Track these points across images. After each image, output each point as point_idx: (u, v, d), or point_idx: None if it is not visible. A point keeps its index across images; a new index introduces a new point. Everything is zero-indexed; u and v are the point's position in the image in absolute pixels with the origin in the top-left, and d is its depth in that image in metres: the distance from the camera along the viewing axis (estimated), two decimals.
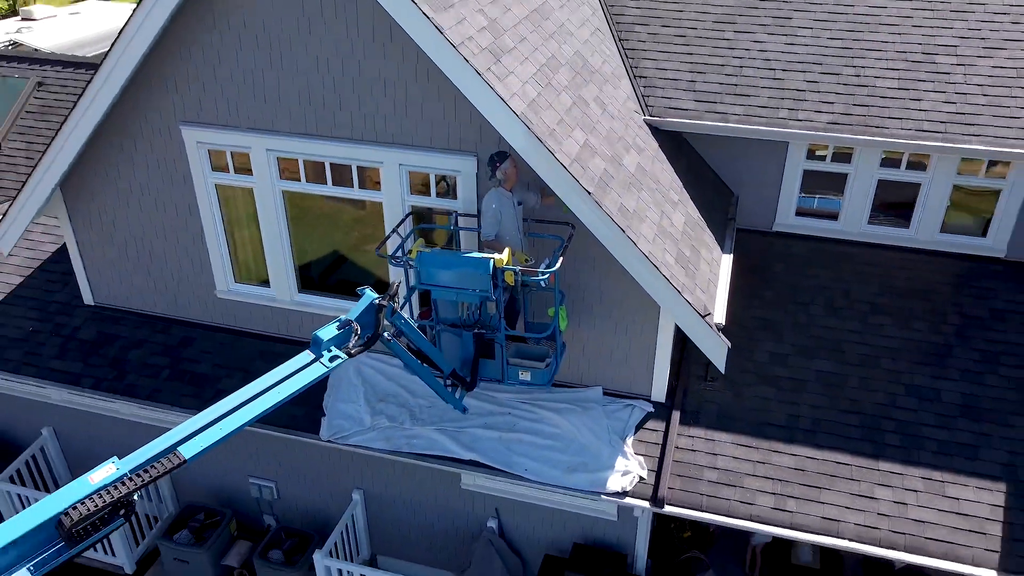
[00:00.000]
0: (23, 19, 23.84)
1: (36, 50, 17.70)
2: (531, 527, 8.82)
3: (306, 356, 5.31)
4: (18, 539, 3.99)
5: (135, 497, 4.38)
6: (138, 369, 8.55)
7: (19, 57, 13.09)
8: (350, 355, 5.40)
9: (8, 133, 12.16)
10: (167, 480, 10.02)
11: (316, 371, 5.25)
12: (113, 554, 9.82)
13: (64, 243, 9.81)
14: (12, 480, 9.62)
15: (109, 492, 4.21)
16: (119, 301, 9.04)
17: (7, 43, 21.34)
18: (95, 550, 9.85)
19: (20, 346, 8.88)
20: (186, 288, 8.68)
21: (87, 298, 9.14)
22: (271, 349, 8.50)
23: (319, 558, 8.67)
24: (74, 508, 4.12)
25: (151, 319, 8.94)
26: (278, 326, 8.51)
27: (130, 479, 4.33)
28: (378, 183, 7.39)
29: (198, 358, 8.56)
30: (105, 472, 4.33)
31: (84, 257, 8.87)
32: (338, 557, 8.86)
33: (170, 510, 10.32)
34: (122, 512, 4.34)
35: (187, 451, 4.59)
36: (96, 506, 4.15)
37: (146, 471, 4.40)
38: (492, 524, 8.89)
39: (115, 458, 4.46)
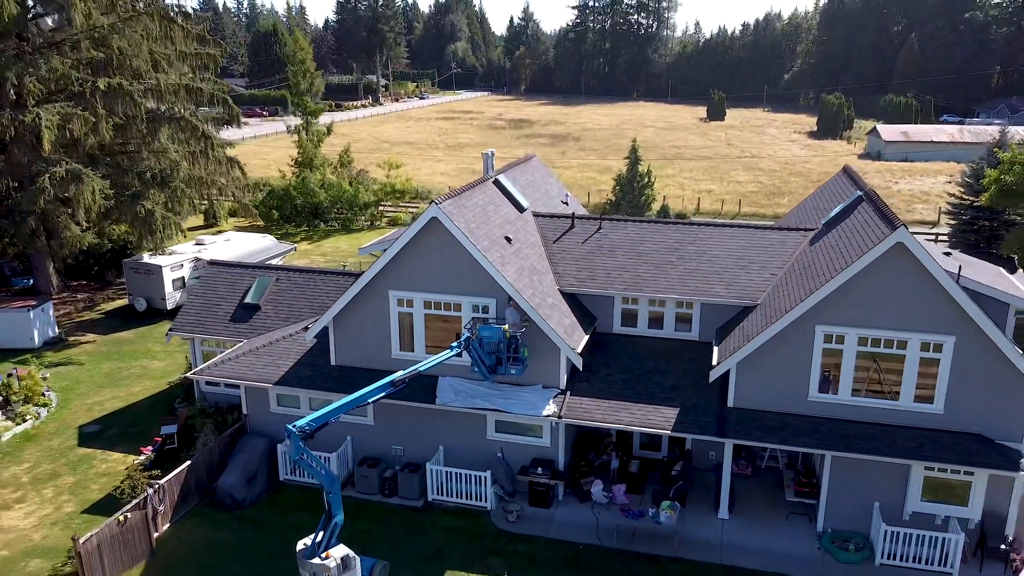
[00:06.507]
0: (197, 243, 37.98)
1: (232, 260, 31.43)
2: (516, 454, 21.51)
3: (449, 350, 18.64)
4: (379, 387, 17.11)
5: (404, 383, 17.47)
6: (357, 386, 21.41)
7: (266, 266, 27.04)
8: (460, 354, 18.76)
9: (263, 300, 25.77)
10: (351, 446, 22.53)
11: (452, 352, 18.61)
12: None
13: (315, 342, 23.01)
14: None
15: (400, 379, 17.35)
16: (349, 362, 22.13)
17: (192, 259, 35.31)
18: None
19: (306, 380, 21.84)
20: (377, 354, 21.80)
21: (334, 361, 22.24)
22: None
23: (429, 466, 21.20)
24: (394, 382, 17.29)
25: (360, 369, 21.97)
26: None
27: (404, 376, 17.46)
28: (460, 309, 20.87)
29: None
30: (399, 374, 17.52)
31: (336, 342, 22.07)
32: None
33: (350, 466, 22.67)
34: (401, 386, 17.47)
35: (421, 368, 17.82)
36: (399, 381, 17.30)
37: (408, 374, 17.55)
38: (499, 454, 21.54)
39: (399, 371, 17.64)
